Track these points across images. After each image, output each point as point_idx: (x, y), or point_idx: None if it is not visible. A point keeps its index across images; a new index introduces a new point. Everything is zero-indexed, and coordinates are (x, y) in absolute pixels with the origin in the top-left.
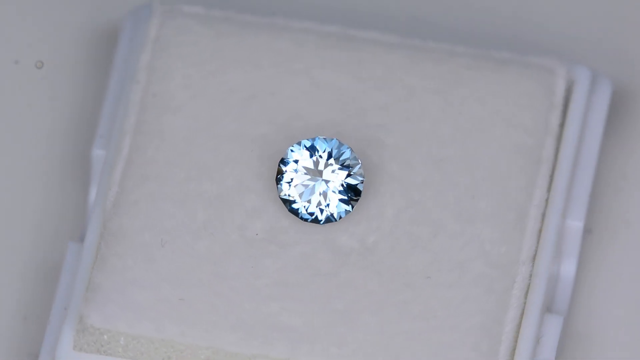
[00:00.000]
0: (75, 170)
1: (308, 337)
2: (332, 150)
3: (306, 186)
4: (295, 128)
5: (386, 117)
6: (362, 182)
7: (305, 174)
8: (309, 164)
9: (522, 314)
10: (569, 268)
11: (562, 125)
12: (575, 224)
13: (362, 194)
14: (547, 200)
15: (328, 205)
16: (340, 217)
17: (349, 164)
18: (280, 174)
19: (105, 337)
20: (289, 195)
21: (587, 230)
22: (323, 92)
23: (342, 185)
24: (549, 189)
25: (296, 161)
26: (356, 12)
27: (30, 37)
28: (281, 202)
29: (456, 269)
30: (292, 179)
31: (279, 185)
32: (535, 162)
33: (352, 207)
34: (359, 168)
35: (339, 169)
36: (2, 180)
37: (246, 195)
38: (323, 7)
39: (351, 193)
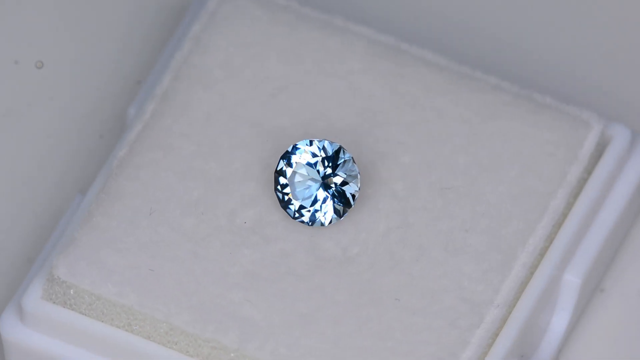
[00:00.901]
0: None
1: (262, 333)
2: (333, 156)
3: (302, 185)
4: (316, 127)
5: (408, 135)
6: (355, 193)
7: (304, 173)
8: (310, 164)
9: (485, 355)
10: (560, 321)
11: (585, 180)
12: (573, 280)
13: (359, 206)
14: (543, 249)
15: (318, 209)
16: (331, 223)
17: (347, 174)
18: (280, 167)
19: (71, 291)
20: (283, 190)
21: (600, 289)
22: (355, 98)
23: (336, 192)
24: (549, 239)
25: (299, 158)
26: (417, 28)
27: (30, 37)
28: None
29: (427, 297)
30: (290, 175)
31: (277, 179)
32: (541, 209)
33: (342, 216)
34: (357, 179)
35: (337, 176)
36: (3, 178)
37: (246, 183)
38: (386, 17)
39: (344, 202)
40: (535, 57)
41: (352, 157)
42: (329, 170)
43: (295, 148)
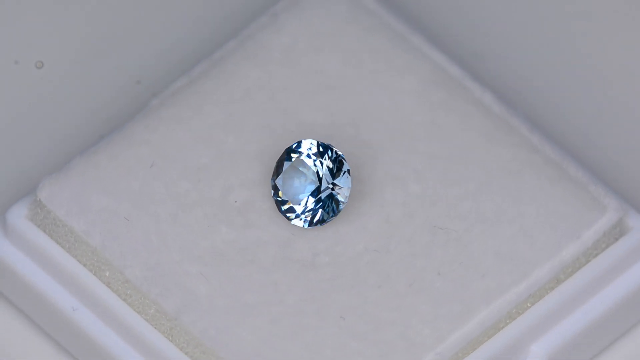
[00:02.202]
0: None
1: (200, 310)
2: (333, 162)
3: (296, 182)
4: (341, 133)
5: (427, 166)
6: (339, 206)
7: (301, 170)
8: (310, 163)
9: None
10: None
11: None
12: (538, 351)
13: (350, 219)
14: (512, 314)
15: (304, 210)
16: (311, 226)
17: (342, 185)
18: (281, 159)
19: (51, 216)
20: (278, 182)
21: None
22: (391, 117)
23: (325, 199)
24: (522, 307)
25: (301, 155)
26: (487, 68)
27: (30, 37)
28: None
29: (371, 324)
30: (287, 169)
31: (276, 169)
32: (521, 275)
33: (323, 223)
34: (345, 193)
35: (333, 184)
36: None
37: (254, 165)
38: (465, 48)
39: (330, 210)
40: (590, 128)
41: (349, 170)
42: (326, 175)
43: (300, 144)
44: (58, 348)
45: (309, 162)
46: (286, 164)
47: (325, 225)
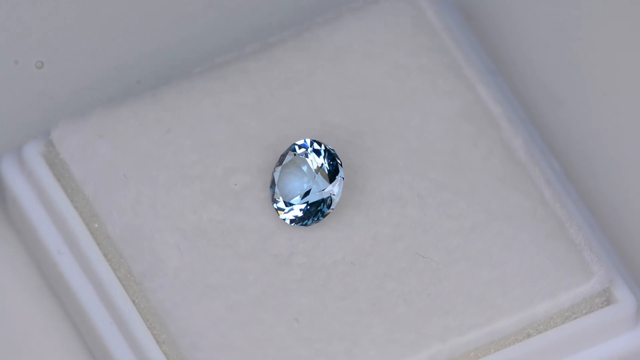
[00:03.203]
0: None
1: (163, 280)
2: (330, 167)
3: (293, 177)
4: (359, 137)
5: (431, 196)
6: (325, 212)
7: (300, 168)
8: (309, 164)
9: None
10: None
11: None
12: None
13: (338, 226)
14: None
15: (293, 207)
16: (292, 223)
17: (336, 191)
18: (285, 154)
19: (60, 157)
20: (275, 175)
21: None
22: (415, 138)
23: (310, 203)
24: (483, 352)
25: (303, 153)
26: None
27: (30, 37)
28: None
29: (321, 332)
30: (288, 163)
31: (280, 161)
32: (485, 321)
33: (306, 225)
34: (335, 199)
35: (322, 189)
36: None
37: (265, 155)
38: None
39: (314, 213)
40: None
41: (343, 178)
42: (320, 180)
43: (305, 142)
44: (46, 287)
45: (309, 162)
46: (287, 158)
47: (313, 227)
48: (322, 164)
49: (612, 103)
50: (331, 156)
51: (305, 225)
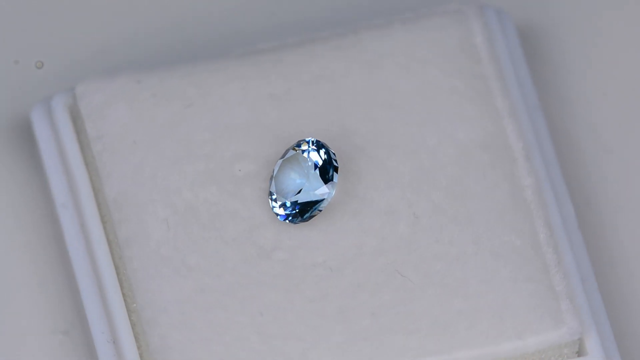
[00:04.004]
0: None
1: (143, 250)
2: (327, 171)
3: (291, 173)
4: (372, 148)
5: (428, 217)
6: (311, 213)
7: (299, 165)
8: (309, 163)
9: None
10: None
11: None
12: None
13: (327, 230)
14: None
15: (282, 204)
16: (279, 218)
17: (321, 195)
18: (289, 148)
19: (80, 111)
20: (275, 168)
21: None
22: (429, 157)
23: (300, 202)
24: None
25: (306, 152)
26: None
27: (30, 37)
28: None
29: (280, 330)
30: (289, 157)
31: (284, 155)
32: (446, 350)
33: (293, 222)
34: (324, 204)
35: (314, 191)
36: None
37: (277, 147)
38: None
39: (301, 213)
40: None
41: (334, 184)
42: (314, 179)
43: (311, 142)
44: (51, 237)
45: (308, 161)
46: (289, 153)
47: (303, 226)
48: (319, 166)
49: None
50: (330, 160)
51: (293, 222)
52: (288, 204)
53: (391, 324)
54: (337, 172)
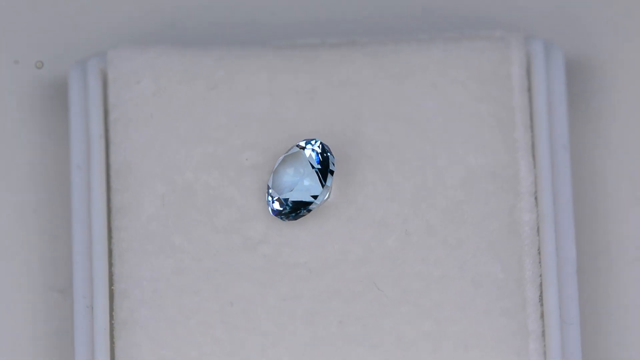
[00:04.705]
0: None
1: (132, 223)
2: (323, 173)
3: (289, 170)
4: (382, 159)
5: (419, 235)
6: (299, 212)
7: (299, 162)
8: (309, 163)
9: None
10: None
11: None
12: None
13: (319, 233)
14: None
15: (274, 199)
16: (273, 214)
17: (314, 194)
18: (293, 145)
19: (108, 75)
20: (277, 162)
21: None
22: (435, 179)
23: (292, 201)
24: None
25: (309, 152)
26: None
27: (30, 37)
28: None
29: (245, 322)
30: (291, 153)
31: (289, 151)
32: None
33: (281, 219)
34: (312, 207)
35: (308, 189)
36: (3, 177)
37: (287, 141)
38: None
39: (292, 212)
40: None
41: (324, 187)
42: (311, 179)
43: (316, 144)
44: (64, 197)
45: (307, 160)
46: (292, 150)
47: (294, 224)
48: (316, 168)
49: None
50: (327, 163)
51: (282, 219)
52: (280, 201)
53: (356, 334)
54: (332, 176)
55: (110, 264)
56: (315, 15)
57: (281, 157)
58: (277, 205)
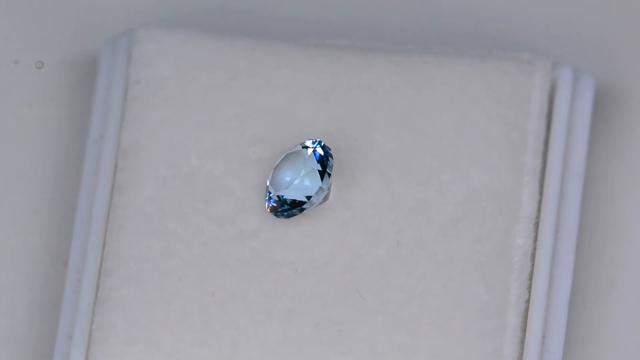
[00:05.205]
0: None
1: (129, 202)
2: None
3: (288, 167)
4: (389, 172)
5: (412, 246)
6: (291, 211)
7: (298, 161)
8: (309, 163)
9: None
10: None
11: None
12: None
13: (311, 233)
14: None
15: (270, 195)
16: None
17: (309, 195)
18: (297, 144)
19: (132, 54)
20: (280, 158)
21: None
22: (436, 197)
23: (288, 199)
24: None
25: (312, 153)
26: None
27: (31, 37)
28: None
29: (223, 315)
30: (294, 150)
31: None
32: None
33: (276, 215)
34: (307, 207)
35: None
36: (2, 178)
37: (298, 139)
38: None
39: (286, 209)
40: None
41: (320, 189)
42: (311, 179)
43: (320, 144)
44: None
45: (306, 159)
46: (296, 147)
47: (288, 221)
48: (313, 169)
49: None
50: (324, 165)
51: (275, 216)
52: (274, 198)
53: (329, 339)
54: (329, 179)
55: (105, 241)
56: (351, 17)
57: (284, 154)
58: (272, 202)
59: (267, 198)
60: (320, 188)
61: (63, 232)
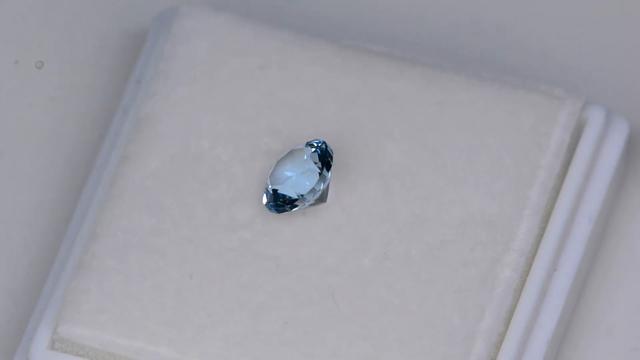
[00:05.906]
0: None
1: (129, 175)
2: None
3: (288, 165)
4: (393, 183)
5: (406, 255)
6: (284, 208)
7: (299, 160)
8: (309, 162)
9: None
10: None
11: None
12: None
13: (302, 232)
14: None
15: (268, 190)
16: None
17: (301, 193)
18: (300, 143)
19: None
20: (283, 154)
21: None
22: (434, 212)
23: (286, 195)
24: None
25: (313, 152)
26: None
27: (30, 37)
28: None
29: (211, 306)
30: (296, 148)
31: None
32: None
33: (269, 209)
34: (302, 205)
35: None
36: (2, 178)
37: (310, 136)
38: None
39: (279, 206)
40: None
41: (317, 192)
42: (309, 178)
43: (322, 145)
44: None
45: (307, 158)
46: (299, 145)
47: (282, 217)
48: (311, 169)
49: None
50: (322, 167)
51: (269, 210)
52: (268, 192)
53: (294, 339)
54: (325, 181)
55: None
56: (396, 26)
57: (289, 150)
58: (267, 195)
59: (265, 190)
60: (314, 188)
61: (63, 232)
